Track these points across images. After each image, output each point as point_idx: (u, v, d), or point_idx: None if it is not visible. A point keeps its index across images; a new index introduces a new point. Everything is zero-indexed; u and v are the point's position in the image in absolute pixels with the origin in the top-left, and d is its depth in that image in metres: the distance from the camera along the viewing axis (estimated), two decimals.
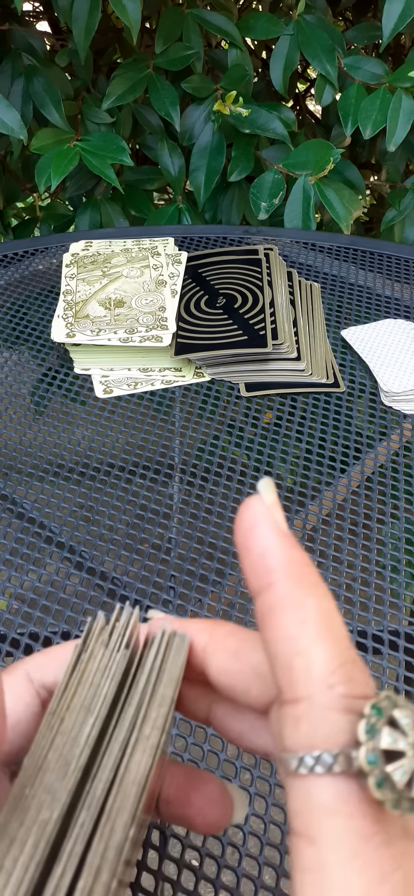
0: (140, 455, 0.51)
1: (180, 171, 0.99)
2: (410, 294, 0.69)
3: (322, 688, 0.15)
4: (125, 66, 0.96)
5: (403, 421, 0.54)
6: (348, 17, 1.32)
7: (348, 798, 0.15)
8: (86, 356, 0.59)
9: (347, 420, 0.54)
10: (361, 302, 0.68)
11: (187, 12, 0.96)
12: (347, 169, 0.97)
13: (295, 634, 0.16)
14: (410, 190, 0.98)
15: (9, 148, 1.04)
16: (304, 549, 0.18)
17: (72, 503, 0.47)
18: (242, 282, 0.65)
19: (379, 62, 0.93)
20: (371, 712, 0.15)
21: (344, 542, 0.45)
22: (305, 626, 0.16)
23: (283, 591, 0.17)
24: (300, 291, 0.66)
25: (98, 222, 1.01)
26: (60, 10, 0.91)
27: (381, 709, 0.15)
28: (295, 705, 0.16)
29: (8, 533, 0.45)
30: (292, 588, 0.17)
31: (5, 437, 0.53)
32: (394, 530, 0.46)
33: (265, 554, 0.17)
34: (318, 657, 0.16)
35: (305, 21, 0.95)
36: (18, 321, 0.65)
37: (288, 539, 0.18)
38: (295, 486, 0.49)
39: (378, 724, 0.15)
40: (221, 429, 0.54)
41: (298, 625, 0.16)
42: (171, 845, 0.30)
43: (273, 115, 0.93)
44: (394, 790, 0.14)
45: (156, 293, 0.63)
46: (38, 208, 1.13)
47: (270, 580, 0.17)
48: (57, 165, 0.82)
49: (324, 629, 0.16)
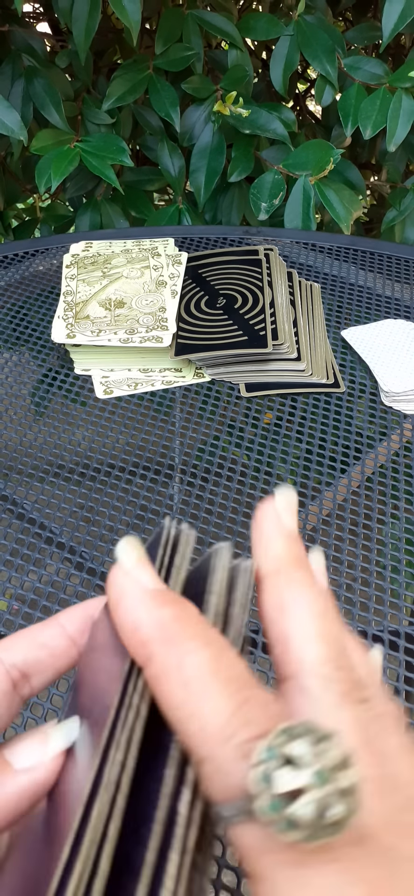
0: (140, 455, 0.51)
1: (180, 171, 0.99)
2: (410, 294, 0.69)
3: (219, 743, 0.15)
4: (125, 67, 0.96)
5: (404, 421, 0.54)
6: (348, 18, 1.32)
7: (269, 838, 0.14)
8: (86, 357, 0.59)
9: (348, 420, 0.54)
10: (361, 302, 0.68)
11: (187, 13, 0.96)
12: (348, 169, 0.97)
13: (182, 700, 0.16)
14: (410, 190, 0.98)
15: (9, 149, 1.05)
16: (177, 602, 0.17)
17: (72, 504, 0.47)
18: (242, 282, 0.65)
19: (379, 62, 0.93)
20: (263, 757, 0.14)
21: (344, 542, 0.45)
22: (189, 688, 0.15)
23: (160, 660, 0.16)
24: (300, 292, 0.66)
25: (98, 223, 1.01)
26: (60, 11, 0.91)
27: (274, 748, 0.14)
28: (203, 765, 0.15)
29: (8, 534, 0.45)
30: (168, 653, 0.16)
31: (6, 438, 0.53)
32: (394, 530, 0.46)
33: (135, 628, 0.17)
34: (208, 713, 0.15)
35: (305, 21, 0.95)
36: (19, 322, 0.65)
37: (156, 599, 0.17)
38: (295, 485, 0.49)
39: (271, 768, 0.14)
40: (221, 429, 0.54)
41: (182, 690, 0.16)
42: None
43: (273, 116, 0.93)
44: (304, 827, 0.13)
45: (156, 294, 0.63)
46: (39, 209, 1.13)
47: (147, 653, 0.16)
48: (57, 166, 0.82)
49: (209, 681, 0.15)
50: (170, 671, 0.16)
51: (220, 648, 0.16)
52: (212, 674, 0.16)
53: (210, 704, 0.15)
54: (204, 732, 0.15)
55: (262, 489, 0.49)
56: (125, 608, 0.17)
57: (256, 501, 0.48)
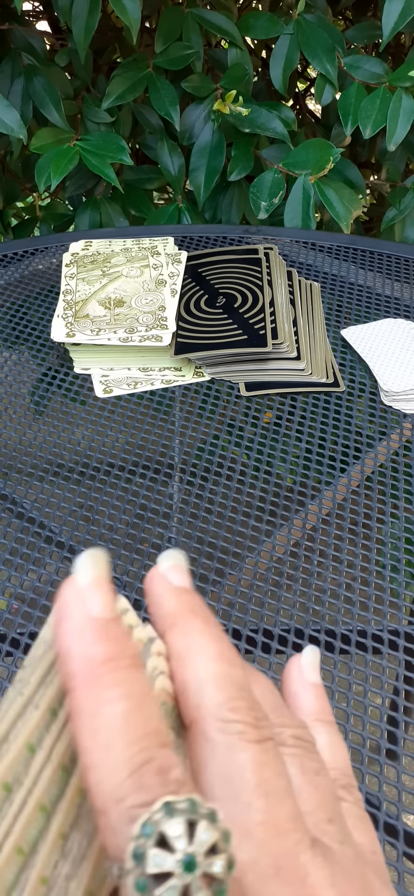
0: (140, 455, 0.51)
1: (180, 170, 0.99)
2: (410, 294, 0.69)
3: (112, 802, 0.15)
4: (125, 66, 0.96)
5: (403, 420, 0.54)
6: (348, 17, 1.32)
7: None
8: (86, 356, 0.59)
9: (347, 420, 0.54)
10: (361, 301, 0.68)
11: (187, 11, 0.96)
12: (347, 168, 0.97)
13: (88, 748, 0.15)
14: (410, 189, 0.98)
15: (9, 147, 1.04)
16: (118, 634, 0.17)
17: (71, 503, 0.47)
18: (241, 281, 0.65)
19: (379, 61, 0.93)
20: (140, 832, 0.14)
21: (344, 542, 0.45)
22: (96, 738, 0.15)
23: (78, 699, 0.16)
24: (300, 291, 0.66)
25: (98, 222, 1.01)
26: (60, 9, 0.91)
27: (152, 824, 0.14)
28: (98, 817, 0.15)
29: (8, 533, 0.45)
30: (87, 695, 0.16)
31: (5, 437, 0.53)
32: (394, 530, 0.46)
33: (66, 656, 0.16)
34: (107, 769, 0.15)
35: (305, 20, 0.95)
36: (18, 321, 0.65)
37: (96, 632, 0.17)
38: (295, 485, 0.49)
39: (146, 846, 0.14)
40: (220, 428, 0.54)
41: (90, 737, 0.15)
42: None
43: (273, 115, 0.93)
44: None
45: (156, 293, 0.63)
46: (38, 208, 1.13)
47: (70, 686, 0.16)
48: (57, 165, 0.82)
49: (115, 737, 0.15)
50: (83, 715, 0.16)
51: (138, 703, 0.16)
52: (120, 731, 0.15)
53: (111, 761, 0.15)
54: (100, 787, 0.15)
55: (261, 488, 0.49)
56: (63, 630, 0.17)
57: (256, 501, 0.48)
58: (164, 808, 0.14)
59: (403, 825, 0.33)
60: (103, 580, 0.17)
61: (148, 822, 0.14)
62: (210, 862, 0.14)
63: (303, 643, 0.39)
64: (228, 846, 0.14)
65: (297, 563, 0.44)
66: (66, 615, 0.17)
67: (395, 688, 0.37)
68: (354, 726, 0.36)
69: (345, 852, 0.16)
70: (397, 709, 0.36)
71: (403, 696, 0.37)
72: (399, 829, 0.32)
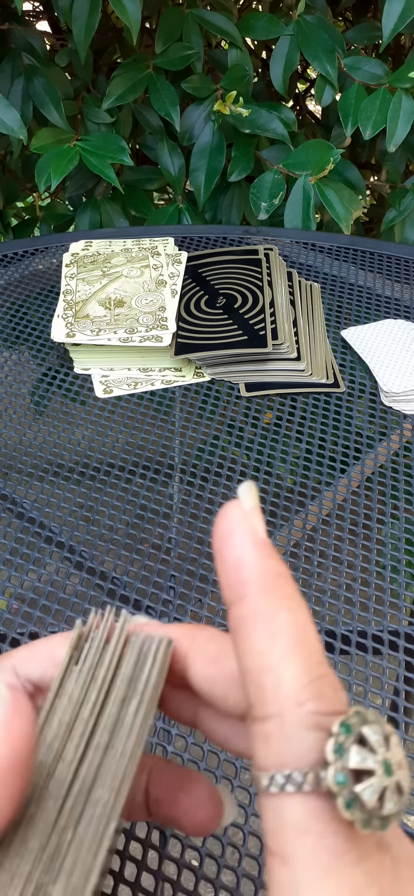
0: (140, 455, 0.51)
1: (180, 171, 0.99)
2: (410, 294, 0.69)
3: (291, 705, 0.15)
4: (125, 66, 0.96)
5: (403, 421, 0.54)
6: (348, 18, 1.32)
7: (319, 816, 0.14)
8: (86, 356, 0.59)
9: (347, 420, 0.54)
10: (361, 302, 0.68)
11: (187, 12, 0.96)
12: (347, 169, 0.97)
13: (265, 650, 0.16)
14: (410, 190, 0.98)
15: (9, 148, 1.04)
16: (281, 560, 0.18)
17: (72, 503, 0.47)
18: (241, 282, 0.65)
19: (379, 62, 0.93)
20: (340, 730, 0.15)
21: (344, 542, 0.45)
22: (275, 641, 0.16)
23: (254, 603, 0.16)
24: (300, 291, 0.66)
25: (98, 222, 1.01)
26: (60, 9, 0.91)
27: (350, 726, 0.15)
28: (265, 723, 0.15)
29: (8, 533, 0.45)
30: (264, 601, 0.16)
31: (5, 437, 0.53)
32: (394, 530, 0.46)
33: (239, 565, 0.17)
34: (287, 674, 0.15)
35: (305, 21, 0.95)
36: (18, 321, 0.65)
37: (264, 548, 0.17)
38: (295, 486, 0.49)
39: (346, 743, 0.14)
40: (221, 429, 0.54)
41: (268, 639, 0.16)
42: (171, 845, 0.30)
43: (273, 116, 0.93)
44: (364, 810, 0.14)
45: (156, 293, 0.63)
46: (38, 208, 1.13)
47: (243, 592, 0.17)
48: (57, 165, 0.82)
49: (294, 644, 0.16)
50: (261, 618, 0.16)
51: (308, 619, 0.17)
52: (298, 638, 0.16)
53: (291, 665, 0.15)
54: (278, 690, 0.15)
55: (261, 489, 0.49)
56: (233, 543, 0.17)
57: None
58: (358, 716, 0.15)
59: (404, 825, 0.33)
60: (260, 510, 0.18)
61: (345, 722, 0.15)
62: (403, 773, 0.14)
63: None
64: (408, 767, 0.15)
65: (297, 564, 0.44)
66: (234, 530, 0.17)
67: (395, 688, 0.37)
68: None
69: None
70: (397, 709, 0.36)
71: (403, 697, 0.37)
72: None
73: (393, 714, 0.36)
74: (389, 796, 0.14)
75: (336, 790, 0.14)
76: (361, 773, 0.14)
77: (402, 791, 0.14)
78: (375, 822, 0.14)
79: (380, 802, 0.14)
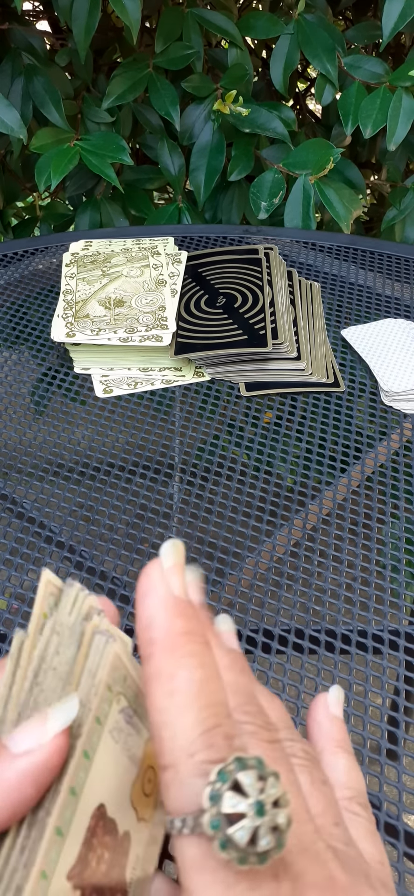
0: (140, 455, 0.51)
1: (180, 170, 0.99)
2: (410, 294, 0.69)
3: (184, 757, 0.16)
4: (125, 66, 0.96)
5: (403, 420, 0.54)
6: (348, 17, 1.32)
7: (210, 854, 0.16)
8: (86, 356, 0.59)
9: (348, 420, 0.54)
10: (361, 301, 0.68)
11: (187, 11, 0.96)
12: (348, 168, 0.97)
13: (164, 706, 0.17)
14: (410, 189, 0.98)
15: (9, 147, 1.04)
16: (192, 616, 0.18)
17: (72, 503, 0.47)
18: (242, 281, 0.65)
19: (379, 61, 0.93)
20: (217, 778, 0.16)
21: (344, 542, 0.44)
22: (172, 699, 0.17)
23: (157, 662, 0.18)
24: (300, 291, 0.66)
25: (98, 222, 1.01)
26: (60, 9, 0.91)
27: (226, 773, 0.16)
28: (164, 772, 0.17)
29: (8, 532, 0.45)
30: (166, 660, 0.18)
31: (5, 437, 0.53)
32: (394, 530, 0.46)
33: (149, 625, 0.18)
34: (180, 728, 0.17)
35: (306, 20, 0.95)
36: (18, 321, 0.65)
37: (176, 608, 0.18)
38: (295, 485, 0.49)
39: (221, 790, 0.15)
40: (221, 428, 0.54)
41: (167, 697, 0.17)
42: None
43: (273, 115, 0.93)
44: (238, 849, 0.15)
45: (156, 293, 0.63)
46: (38, 208, 1.13)
47: (150, 651, 0.18)
48: (57, 165, 0.82)
49: (189, 700, 0.17)
50: (162, 677, 0.17)
51: (210, 675, 0.18)
52: (194, 694, 0.17)
53: (185, 720, 0.17)
54: (173, 742, 0.17)
55: (262, 488, 0.49)
56: (147, 604, 0.18)
57: (256, 501, 0.48)
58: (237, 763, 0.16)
59: (404, 825, 0.33)
60: (182, 567, 0.19)
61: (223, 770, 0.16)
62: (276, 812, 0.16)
63: (303, 643, 0.39)
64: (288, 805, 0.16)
65: (297, 564, 0.44)
66: (151, 590, 0.19)
67: (395, 688, 0.37)
68: (355, 726, 0.36)
69: (349, 853, 0.18)
70: (398, 709, 0.36)
71: (403, 696, 0.37)
72: (399, 830, 0.32)
73: (393, 714, 0.36)
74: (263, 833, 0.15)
75: (211, 834, 0.15)
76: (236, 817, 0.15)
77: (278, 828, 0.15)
78: (251, 858, 0.15)
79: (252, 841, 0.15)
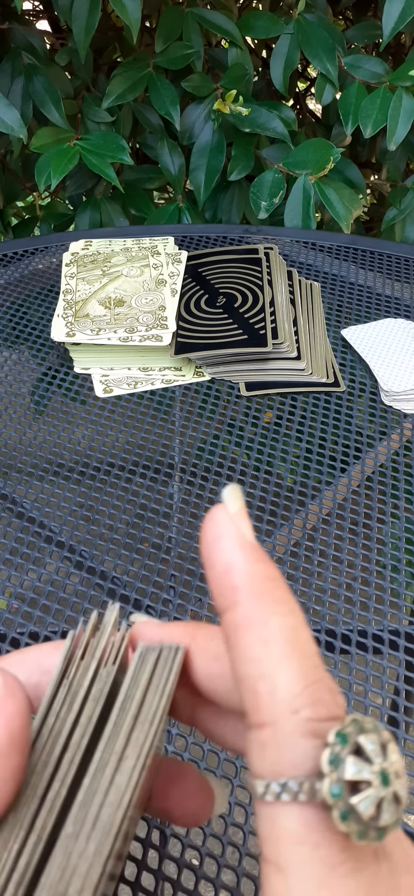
0: (140, 454, 0.51)
1: (180, 170, 0.99)
2: (410, 294, 0.69)
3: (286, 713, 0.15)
4: (125, 65, 0.96)
5: (404, 420, 0.54)
6: (348, 17, 1.32)
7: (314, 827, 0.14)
8: (86, 355, 0.59)
9: (348, 419, 0.54)
10: (361, 301, 0.68)
11: (187, 11, 0.96)
12: (348, 168, 0.97)
13: (258, 656, 0.15)
14: (410, 189, 0.98)
15: (9, 147, 1.04)
16: (270, 562, 0.17)
17: (72, 502, 0.47)
18: (242, 281, 0.65)
19: (379, 61, 0.93)
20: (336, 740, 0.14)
21: (344, 542, 0.44)
22: (268, 647, 0.15)
23: (246, 609, 0.16)
24: (300, 291, 0.66)
25: (98, 221, 1.01)
26: (60, 8, 0.91)
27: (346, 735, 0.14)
28: (260, 730, 0.15)
29: (8, 532, 0.45)
30: (256, 606, 0.16)
31: (5, 437, 0.53)
32: (394, 530, 0.46)
33: (228, 570, 0.17)
34: (281, 680, 0.15)
35: (306, 20, 0.95)
36: (18, 320, 0.65)
37: (253, 552, 0.17)
38: (295, 485, 0.49)
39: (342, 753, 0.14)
40: (221, 428, 0.54)
41: (261, 646, 0.16)
42: (171, 845, 0.30)
43: (273, 114, 0.93)
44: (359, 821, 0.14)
45: (156, 292, 0.63)
46: (38, 207, 1.13)
47: (234, 598, 0.16)
48: (57, 164, 0.82)
49: (288, 649, 0.15)
50: (253, 624, 0.16)
51: (301, 622, 0.16)
52: (291, 643, 0.15)
53: (285, 672, 0.15)
54: (273, 697, 0.15)
55: (262, 488, 0.49)
56: (222, 548, 0.17)
57: (256, 501, 0.48)
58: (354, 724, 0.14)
59: (404, 825, 0.33)
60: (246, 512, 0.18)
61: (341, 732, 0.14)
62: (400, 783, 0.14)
63: None
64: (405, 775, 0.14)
65: (297, 563, 0.44)
66: (223, 534, 0.17)
67: (395, 688, 0.37)
68: None
69: None
70: (398, 709, 0.36)
71: (403, 696, 0.37)
72: None
73: (393, 714, 0.36)
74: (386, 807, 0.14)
75: (331, 802, 0.14)
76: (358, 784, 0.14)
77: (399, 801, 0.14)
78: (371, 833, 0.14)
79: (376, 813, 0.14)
